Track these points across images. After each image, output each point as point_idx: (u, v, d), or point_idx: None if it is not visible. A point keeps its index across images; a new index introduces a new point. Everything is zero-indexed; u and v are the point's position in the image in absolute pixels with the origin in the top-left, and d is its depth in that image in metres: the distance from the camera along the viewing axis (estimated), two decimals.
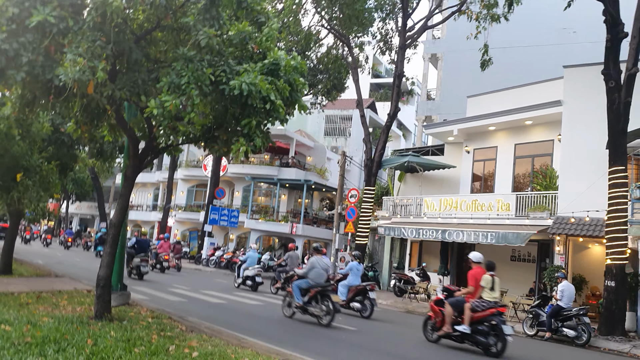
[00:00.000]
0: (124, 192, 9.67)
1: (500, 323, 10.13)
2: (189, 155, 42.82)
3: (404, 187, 27.05)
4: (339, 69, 29.82)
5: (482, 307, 10.30)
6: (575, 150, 18.19)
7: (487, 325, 10.24)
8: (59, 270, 18.57)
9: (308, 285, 12.31)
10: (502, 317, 10.31)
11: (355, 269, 15.12)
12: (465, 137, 23.51)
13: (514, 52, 29.36)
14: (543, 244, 19.75)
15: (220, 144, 8.95)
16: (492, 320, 10.16)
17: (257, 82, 7.44)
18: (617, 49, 15.09)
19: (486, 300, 10.40)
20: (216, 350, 7.36)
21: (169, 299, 14.24)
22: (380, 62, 54.25)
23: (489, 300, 10.39)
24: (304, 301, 12.25)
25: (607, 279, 14.61)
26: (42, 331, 7.08)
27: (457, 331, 10.41)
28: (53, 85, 7.38)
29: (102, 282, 9.13)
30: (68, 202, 51.62)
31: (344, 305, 14.21)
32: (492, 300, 10.39)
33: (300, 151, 39.80)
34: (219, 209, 29.68)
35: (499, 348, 10.06)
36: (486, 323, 10.25)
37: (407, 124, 53.72)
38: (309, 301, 12.22)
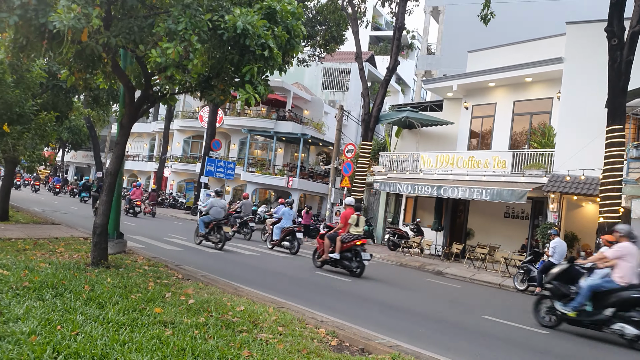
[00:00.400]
0: (120, 141, 9.61)
1: (361, 251, 13.01)
2: (185, 106, 42.47)
3: (401, 142, 26.99)
4: (338, 20, 29.25)
5: (349, 239, 13.12)
6: (574, 108, 18.10)
7: (351, 253, 13.11)
8: (56, 217, 18.67)
9: (209, 219, 15.66)
10: (362, 246, 13.12)
11: (287, 213, 17.53)
12: (465, 93, 23.32)
13: (517, 7, 28.82)
14: (537, 202, 19.89)
15: (217, 92, 8.83)
16: (356, 248, 13.01)
17: (254, 22, 7.27)
18: (622, 6, 14.78)
19: (352, 234, 13.22)
20: (212, 297, 7.48)
21: (166, 247, 14.38)
22: (380, 14, 53.24)
23: (354, 233, 13.23)
24: (205, 231, 15.62)
25: (599, 237, 14.78)
26: (39, 276, 7.15)
27: (331, 258, 13.25)
28: (47, 30, 7.21)
29: (98, 229, 9.18)
30: (64, 150, 51.41)
31: (277, 244, 17.35)
32: (356, 234, 13.21)
33: (298, 104, 39.48)
34: (215, 160, 29.59)
35: (359, 270, 12.96)
36: (350, 252, 13.10)
37: (406, 78, 53.16)
38: (209, 232, 15.57)
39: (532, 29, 25.12)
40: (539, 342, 8.22)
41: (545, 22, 26.19)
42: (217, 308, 6.81)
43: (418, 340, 7.07)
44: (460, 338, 7.76)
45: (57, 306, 5.82)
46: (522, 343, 7.97)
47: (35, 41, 7.68)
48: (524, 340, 8.23)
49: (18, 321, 5.07)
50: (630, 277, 8.52)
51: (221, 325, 5.98)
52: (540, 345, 7.94)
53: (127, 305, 6.23)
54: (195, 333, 5.48)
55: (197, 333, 5.49)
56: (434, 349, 6.74)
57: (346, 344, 6.24)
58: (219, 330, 5.78)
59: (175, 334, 5.34)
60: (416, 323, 8.39)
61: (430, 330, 7.97)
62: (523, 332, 8.82)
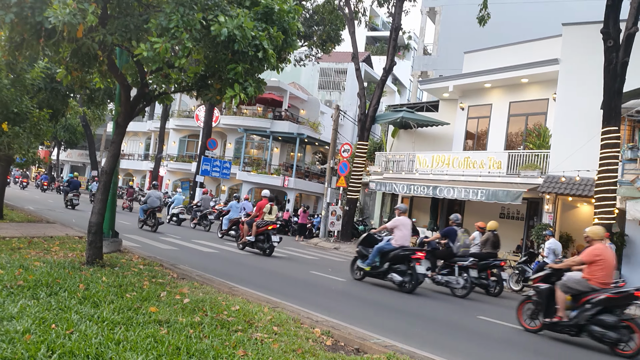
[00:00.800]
0: (116, 140, 9.59)
1: (271, 234, 15.44)
2: (181, 105, 42.41)
3: (397, 142, 27.02)
4: (335, 20, 29.26)
5: (262, 224, 15.48)
6: (569, 109, 18.16)
7: (264, 236, 15.52)
8: (51, 216, 18.61)
9: (147, 207, 18.75)
10: (273, 231, 15.60)
11: (234, 206, 19.77)
12: (461, 94, 23.36)
13: (513, 8, 28.89)
14: (532, 202, 19.95)
15: (213, 91, 8.81)
16: (268, 232, 15.47)
17: (242, 26, 7.25)
18: (618, 8, 14.85)
19: (266, 220, 15.62)
20: (207, 297, 7.47)
21: (161, 247, 14.35)
22: (377, 15, 53.25)
23: (267, 220, 15.65)
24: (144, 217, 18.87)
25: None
26: (34, 275, 7.12)
27: (248, 240, 15.62)
28: (43, 28, 7.18)
29: (93, 228, 9.15)
30: (59, 149, 51.25)
31: (225, 233, 19.48)
32: (269, 220, 15.69)
33: (294, 104, 39.45)
34: (210, 160, 29.57)
35: (269, 251, 15.46)
36: (263, 235, 15.52)
37: (402, 79, 53.21)
38: (146, 217, 18.77)
39: (528, 30, 25.18)
40: (533, 342, 8.25)
41: (541, 23, 26.25)
42: (212, 307, 6.80)
43: (413, 340, 7.08)
44: (454, 338, 7.78)
45: (51, 305, 5.80)
46: (517, 343, 7.99)
47: (31, 39, 7.65)
48: (519, 340, 8.25)
49: (12, 320, 5.05)
50: (403, 241, 11.83)
51: (216, 325, 5.97)
52: (534, 346, 7.96)
53: (122, 304, 6.22)
54: (190, 332, 5.47)
55: (192, 332, 5.48)
56: (429, 348, 6.74)
57: (341, 344, 6.24)
58: (214, 329, 5.77)
59: (170, 333, 5.33)
60: (411, 323, 8.40)
61: (425, 330, 7.98)
62: (518, 333, 8.84)
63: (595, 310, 8.08)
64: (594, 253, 8.37)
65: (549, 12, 27.60)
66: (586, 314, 8.12)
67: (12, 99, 13.38)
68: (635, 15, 14.58)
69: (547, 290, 8.72)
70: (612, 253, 8.67)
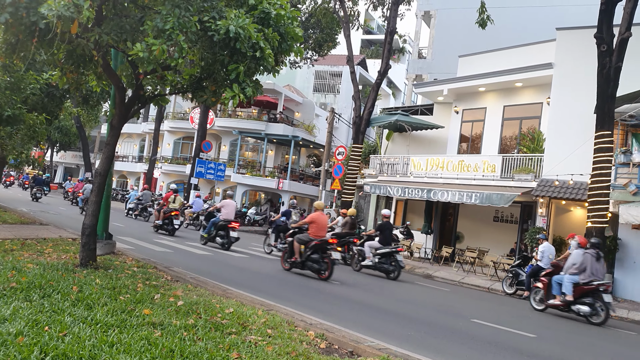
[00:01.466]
0: (110, 141, 9.55)
1: (174, 219, 19.25)
2: (175, 107, 42.33)
3: (391, 145, 27.06)
4: (330, 24, 29.31)
5: (167, 211, 19.38)
6: (563, 113, 18.26)
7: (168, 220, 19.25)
8: (44, 218, 18.53)
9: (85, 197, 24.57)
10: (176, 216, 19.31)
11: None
12: (455, 97, 23.43)
13: (508, 13, 29.00)
14: (526, 206, 20.02)
15: (208, 93, 8.81)
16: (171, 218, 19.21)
17: (245, 26, 7.26)
18: (611, 13, 14.96)
19: (170, 208, 19.65)
20: (201, 299, 7.45)
21: (155, 249, 14.31)
22: (372, 18, 53.40)
23: (171, 207, 19.69)
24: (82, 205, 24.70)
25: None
26: (27, 277, 7.09)
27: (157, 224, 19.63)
28: (37, 28, 7.16)
29: (87, 230, 9.11)
30: (52, 150, 51.05)
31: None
32: (172, 208, 19.68)
33: (289, 106, 39.47)
34: (205, 162, 29.50)
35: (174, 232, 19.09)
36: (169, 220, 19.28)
37: (397, 82, 53.34)
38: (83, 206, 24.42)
39: (522, 34, 25.33)
40: (527, 345, 8.27)
41: (535, 27, 26.39)
42: (206, 310, 6.79)
43: (407, 343, 7.09)
44: (449, 341, 7.79)
45: (44, 307, 5.77)
46: (511, 346, 8.01)
47: (25, 40, 7.63)
48: (513, 343, 8.27)
49: (5, 322, 5.03)
50: (228, 215, 16.45)
51: (210, 327, 5.96)
52: (528, 349, 7.98)
53: (115, 307, 6.19)
54: (184, 335, 5.46)
55: (186, 335, 5.47)
56: (423, 351, 6.75)
57: (335, 347, 6.24)
58: (207, 332, 5.76)
59: (164, 336, 5.31)
60: (405, 326, 8.40)
61: (419, 333, 7.99)
62: (511, 336, 8.87)
63: (310, 252, 12.64)
64: (312, 218, 13.09)
65: (543, 17, 27.77)
66: (306, 254, 12.68)
67: (6, 101, 13.34)
68: (629, 20, 14.70)
69: (290, 242, 13.22)
70: (324, 218, 13.50)
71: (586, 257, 11.62)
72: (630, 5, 14.75)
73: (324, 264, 12.44)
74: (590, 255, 11.59)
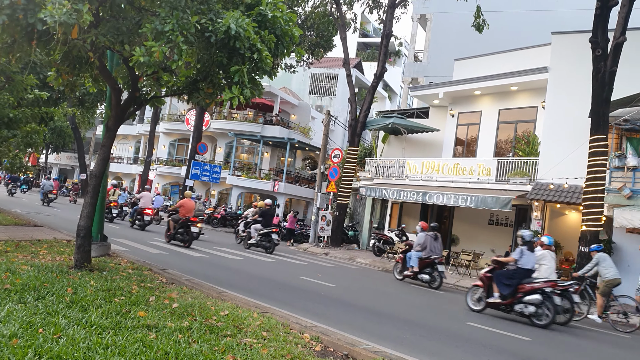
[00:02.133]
0: (105, 143, 9.53)
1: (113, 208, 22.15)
2: (171, 109, 42.28)
3: (387, 148, 27.10)
4: (326, 26, 29.31)
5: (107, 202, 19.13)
6: (558, 117, 18.33)
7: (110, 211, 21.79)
8: (38, 219, 18.45)
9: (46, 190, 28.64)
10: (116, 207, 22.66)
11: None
12: (451, 101, 23.49)
13: (504, 17, 29.11)
14: (521, 209, 20.07)
15: (204, 95, 8.80)
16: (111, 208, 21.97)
17: (245, 26, 7.26)
18: (606, 17, 15.04)
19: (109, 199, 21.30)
20: (196, 302, 7.44)
21: (150, 251, 14.28)
22: (368, 21, 53.51)
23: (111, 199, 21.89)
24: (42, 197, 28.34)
25: (581, 245, 14.96)
26: (21, 279, 7.06)
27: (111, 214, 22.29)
28: (35, 30, 7.14)
29: (82, 232, 9.08)
30: (47, 151, 50.86)
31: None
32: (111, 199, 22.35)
33: (285, 109, 39.47)
34: (200, 164, 29.46)
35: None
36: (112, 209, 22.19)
37: (393, 85, 53.41)
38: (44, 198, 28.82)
39: (518, 38, 25.40)
40: (522, 348, 8.28)
41: (531, 32, 26.51)
42: (201, 312, 6.78)
43: (402, 346, 7.09)
44: (444, 344, 7.80)
45: (39, 309, 5.75)
46: (506, 349, 8.03)
47: (22, 41, 7.61)
48: (508, 346, 8.28)
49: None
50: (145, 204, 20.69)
51: (205, 330, 5.95)
52: (523, 352, 8.00)
53: (110, 309, 6.18)
54: (179, 337, 5.45)
55: (181, 337, 5.46)
56: (418, 354, 6.76)
57: (330, 350, 6.24)
58: (203, 334, 5.75)
59: (159, 338, 5.30)
60: (401, 329, 8.41)
61: (414, 336, 8.00)
62: (506, 339, 8.88)
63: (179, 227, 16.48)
64: (181, 203, 16.99)
65: (538, 21, 27.88)
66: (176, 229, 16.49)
67: (6, 104, 13.29)
68: (623, 25, 14.78)
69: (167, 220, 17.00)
70: (191, 203, 17.26)
71: (427, 238, 15.03)
72: (624, 10, 14.83)
73: (187, 236, 16.41)
74: (429, 237, 14.96)
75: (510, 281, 10.94)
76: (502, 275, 11.12)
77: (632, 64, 16.24)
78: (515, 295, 10.80)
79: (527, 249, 11.16)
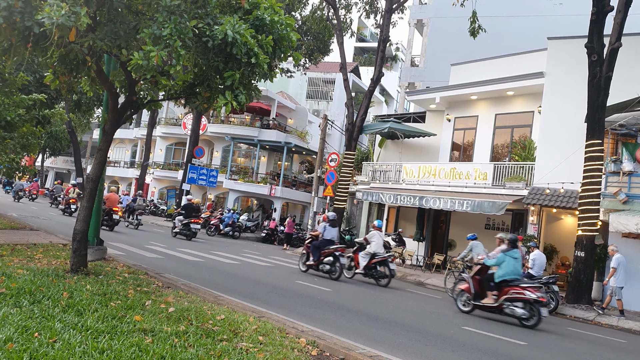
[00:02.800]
0: (102, 147, 9.53)
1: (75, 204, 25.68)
2: (168, 112, 42.26)
3: (384, 153, 27.14)
4: (323, 31, 29.42)
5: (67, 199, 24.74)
6: (554, 122, 18.39)
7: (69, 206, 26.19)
8: (34, 223, 18.41)
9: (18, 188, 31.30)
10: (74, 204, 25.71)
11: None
12: (447, 105, 23.55)
13: (500, 22, 29.23)
14: (517, 214, 20.11)
15: (201, 99, 8.81)
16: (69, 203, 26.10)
17: (242, 31, 7.28)
18: (601, 23, 15.12)
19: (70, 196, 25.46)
20: (192, 306, 7.43)
21: (146, 255, 14.25)
22: (365, 26, 53.65)
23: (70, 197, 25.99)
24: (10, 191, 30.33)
25: (577, 250, 15.00)
26: (17, 283, 7.04)
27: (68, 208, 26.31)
28: (31, 33, 7.14)
29: (78, 235, 9.07)
30: (43, 155, 50.74)
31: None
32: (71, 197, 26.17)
33: (282, 113, 39.51)
34: (197, 168, 29.47)
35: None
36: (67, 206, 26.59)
37: (389, 90, 53.54)
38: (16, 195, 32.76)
39: (514, 43, 25.51)
40: (518, 353, 8.29)
41: (527, 37, 26.58)
42: (198, 316, 6.77)
43: (398, 351, 7.09)
44: (440, 349, 7.80)
45: (34, 313, 5.74)
46: (502, 354, 8.03)
47: (19, 44, 7.60)
48: (504, 351, 8.29)
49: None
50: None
51: (201, 334, 5.94)
52: (519, 356, 8.00)
53: (106, 313, 6.17)
54: (175, 341, 5.44)
55: (177, 341, 5.45)
56: (414, 359, 6.76)
57: (326, 354, 6.24)
58: (199, 338, 5.74)
59: (155, 342, 5.29)
60: (397, 333, 8.41)
61: (410, 341, 7.99)
62: (502, 343, 8.89)
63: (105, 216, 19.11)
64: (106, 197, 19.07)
65: (534, 26, 27.99)
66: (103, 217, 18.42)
67: (3, 107, 13.25)
68: (619, 30, 14.86)
69: None
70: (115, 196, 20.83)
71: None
72: (620, 15, 14.92)
73: (111, 222, 19.95)
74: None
75: (317, 249, 15.09)
76: (314, 246, 15.20)
77: (627, 70, 16.32)
78: (320, 258, 15.01)
79: (329, 225, 15.55)
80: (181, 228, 21.53)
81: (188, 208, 21.94)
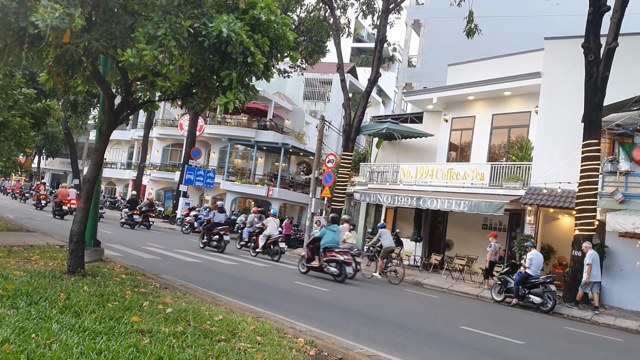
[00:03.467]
0: (99, 148, 9.51)
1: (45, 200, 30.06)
2: (164, 114, 42.21)
3: (381, 153, 27.14)
4: (320, 32, 29.39)
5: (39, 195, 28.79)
6: (551, 122, 18.41)
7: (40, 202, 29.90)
8: (31, 225, 18.36)
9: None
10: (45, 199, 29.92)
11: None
12: (444, 106, 23.57)
13: (497, 22, 29.27)
14: (514, 214, 20.14)
15: (198, 100, 8.79)
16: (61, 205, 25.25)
17: (237, 30, 7.26)
18: (598, 23, 15.14)
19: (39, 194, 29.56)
20: (190, 306, 7.41)
21: (143, 256, 14.22)
22: (362, 26, 53.69)
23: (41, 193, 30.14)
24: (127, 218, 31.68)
25: (574, 249, 15.02)
26: (13, 284, 7.02)
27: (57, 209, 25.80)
28: (26, 33, 7.11)
29: (75, 237, 9.04)
30: (40, 156, 50.62)
31: None
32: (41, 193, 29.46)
33: (279, 114, 39.49)
34: (194, 169, 29.45)
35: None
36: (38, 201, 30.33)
37: (387, 90, 53.57)
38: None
39: (511, 43, 25.55)
40: (515, 352, 8.29)
41: (524, 37, 26.63)
42: (195, 317, 6.75)
43: (396, 350, 7.09)
44: (437, 348, 7.79)
45: (31, 314, 5.72)
46: (499, 353, 8.03)
47: (14, 45, 7.58)
48: (501, 350, 8.29)
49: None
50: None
51: (199, 335, 5.93)
52: (517, 356, 8.01)
53: (103, 314, 6.15)
54: (172, 342, 5.42)
55: (174, 342, 5.44)
56: (412, 358, 6.75)
57: (325, 354, 6.23)
58: (196, 339, 5.72)
59: (152, 343, 5.28)
60: (395, 333, 8.41)
61: (408, 340, 7.99)
62: (500, 343, 8.89)
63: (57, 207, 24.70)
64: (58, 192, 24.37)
65: (531, 26, 28.03)
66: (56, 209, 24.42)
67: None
68: (616, 30, 14.88)
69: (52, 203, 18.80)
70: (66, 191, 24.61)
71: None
72: (616, 16, 14.95)
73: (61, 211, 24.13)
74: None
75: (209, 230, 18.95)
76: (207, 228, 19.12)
77: (624, 69, 16.35)
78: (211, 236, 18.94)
79: (218, 212, 19.41)
80: (126, 219, 25.33)
81: (132, 202, 26.13)
